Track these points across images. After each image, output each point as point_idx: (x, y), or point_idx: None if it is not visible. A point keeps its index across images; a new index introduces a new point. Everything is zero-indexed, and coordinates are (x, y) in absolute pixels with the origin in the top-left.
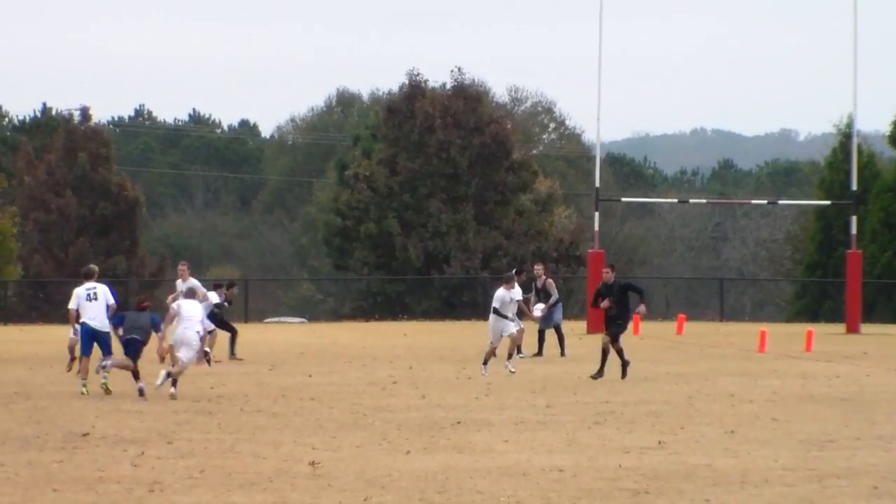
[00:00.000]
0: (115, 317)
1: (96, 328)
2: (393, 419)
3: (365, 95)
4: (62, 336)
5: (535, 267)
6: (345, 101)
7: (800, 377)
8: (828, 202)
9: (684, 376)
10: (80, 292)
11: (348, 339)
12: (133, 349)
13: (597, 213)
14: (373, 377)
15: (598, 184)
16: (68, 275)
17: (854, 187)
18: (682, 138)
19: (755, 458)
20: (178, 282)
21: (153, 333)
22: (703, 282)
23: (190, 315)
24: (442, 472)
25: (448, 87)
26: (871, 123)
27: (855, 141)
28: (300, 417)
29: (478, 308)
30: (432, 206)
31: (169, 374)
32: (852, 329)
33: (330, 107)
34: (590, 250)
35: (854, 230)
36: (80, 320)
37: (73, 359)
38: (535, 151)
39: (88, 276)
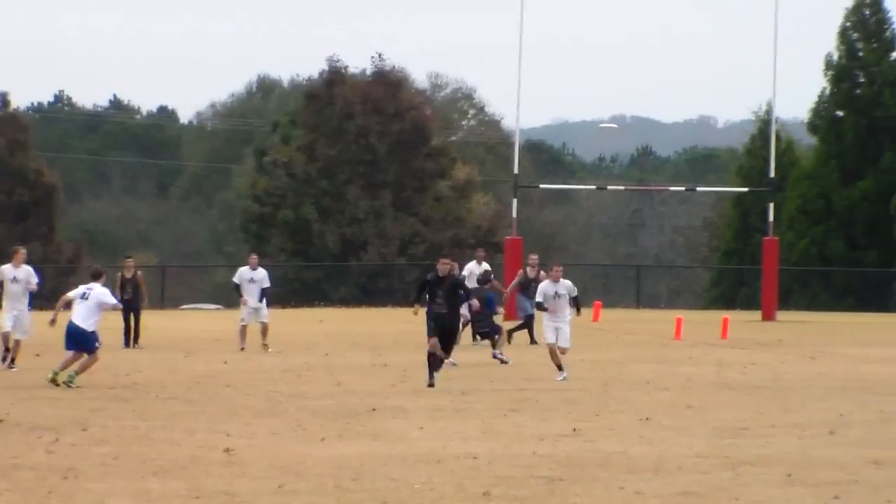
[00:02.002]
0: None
1: (78, 327)
2: (308, 406)
3: (285, 82)
4: None
5: (531, 257)
6: (265, 88)
7: (715, 364)
8: (745, 189)
9: (600, 363)
10: (77, 290)
11: None
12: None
13: (515, 200)
14: (288, 364)
15: (516, 170)
16: None
17: (772, 174)
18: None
19: (670, 445)
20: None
21: None
22: (619, 269)
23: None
24: (356, 460)
25: (368, 73)
26: (790, 111)
27: (774, 128)
28: (215, 404)
29: (394, 295)
30: (350, 193)
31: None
32: (768, 316)
33: (250, 93)
34: (507, 237)
35: (771, 217)
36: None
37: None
38: (454, 138)
39: (96, 277)
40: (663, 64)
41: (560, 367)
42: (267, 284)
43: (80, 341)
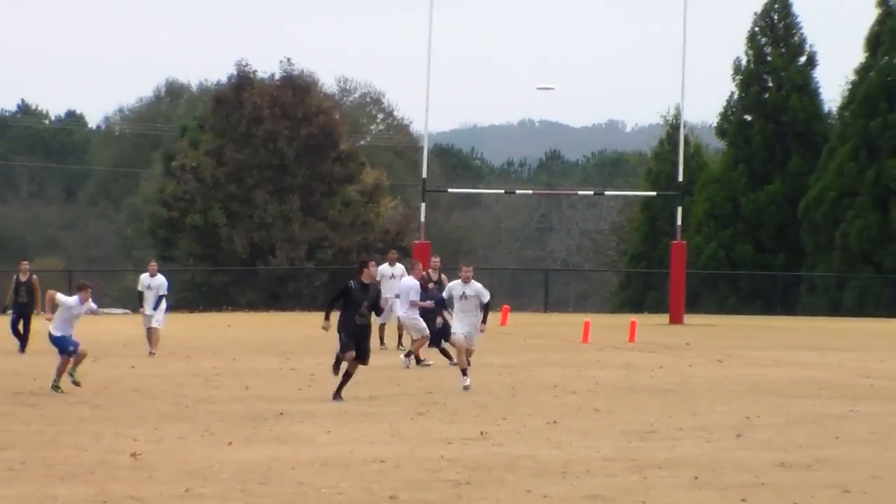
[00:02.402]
0: None
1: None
2: (216, 410)
3: (194, 86)
4: None
5: (433, 259)
6: (174, 92)
7: (623, 368)
8: (653, 193)
9: (508, 367)
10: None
11: (172, 330)
12: None
13: (423, 204)
14: (196, 368)
15: (425, 175)
16: None
17: (680, 178)
18: (511, 129)
19: (577, 448)
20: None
21: None
22: (528, 273)
23: None
24: (264, 464)
25: (277, 77)
26: (699, 115)
27: (682, 132)
28: (122, 409)
29: (302, 299)
30: (258, 197)
31: None
32: (676, 320)
33: (158, 97)
34: (416, 241)
35: (679, 221)
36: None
37: None
38: (363, 142)
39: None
40: (572, 68)
41: (465, 372)
42: (164, 292)
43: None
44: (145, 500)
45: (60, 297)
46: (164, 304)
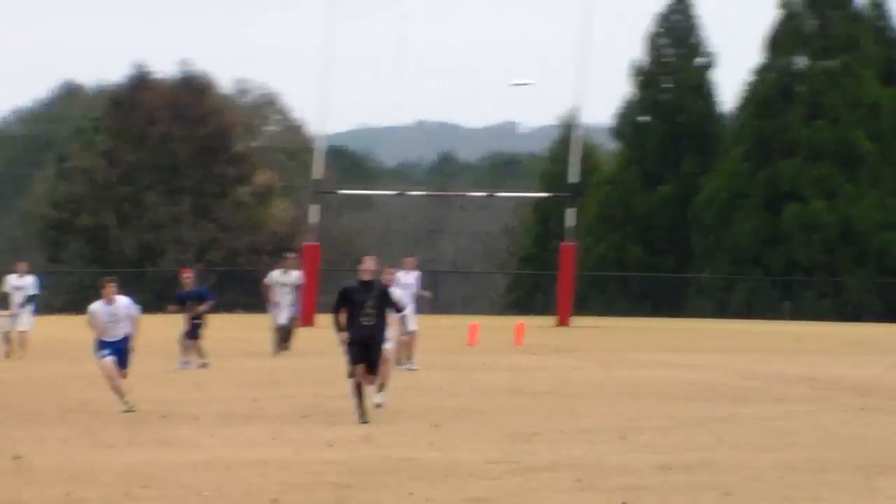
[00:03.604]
0: None
1: None
2: (99, 413)
3: (91, 87)
4: None
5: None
6: (70, 93)
7: (508, 370)
8: (545, 194)
9: (392, 370)
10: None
11: (59, 332)
12: None
13: (313, 206)
14: (80, 371)
15: (316, 176)
16: None
17: (574, 180)
18: (406, 130)
19: (460, 451)
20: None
21: None
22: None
23: None
24: (146, 467)
25: (174, 78)
26: (594, 116)
27: (577, 133)
28: (4, 411)
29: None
30: (150, 199)
31: None
32: (563, 322)
33: (54, 98)
34: (305, 243)
35: (571, 223)
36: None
37: None
38: (257, 143)
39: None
40: (467, 69)
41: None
42: (33, 292)
43: None
44: (26, 503)
45: None
46: (31, 306)
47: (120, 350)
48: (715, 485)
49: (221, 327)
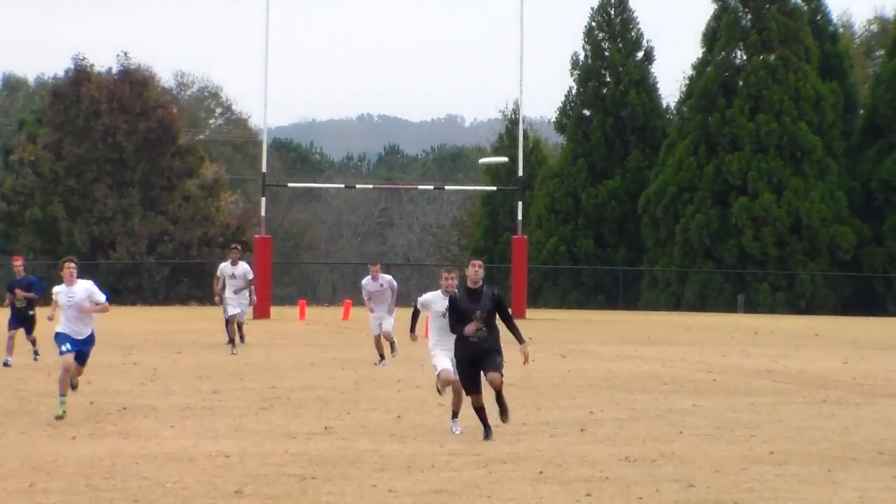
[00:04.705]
0: None
1: None
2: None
3: (31, 80)
4: None
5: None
6: (11, 86)
7: None
8: (494, 188)
9: (351, 362)
10: None
11: None
12: None
13: (263, 199)
14: (38, 363)
15: (264, 169)
16: None
17: (521, 173)
18: (349, 123)
19: (422, 443)
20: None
21: None
22: (368, 267)
23: None
24: (108, 459)
25: (114, 71)
26: (537, 109)
27: (521, 127)
28: None
29: (143, 293)
30: (98, 191)
31: None
32: (518, 314)
33: None
34: (256, 235)
35: (521, 216)
36: None
37: None
38: (201, 137)
39: None
40: (410, 63)
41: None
42: None
43: None
44: None
45: None
46: None
47: (83, 352)
48: (677, 476)
49: (177, 319)
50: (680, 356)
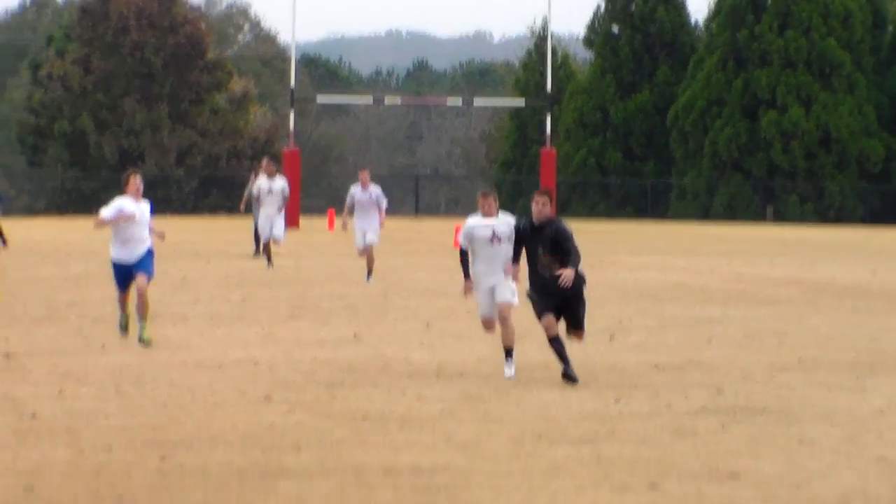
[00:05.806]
0: None
1: None
2: (88, 314)
3: None
4: None
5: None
6: (39, 2)
7: None
8: (522, 103)
9: (380, 271)
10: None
11: (43, 235)
12: None
13: (292, 113)
14: (68, 273)
15: (293, 84)
16: None
17: (549, 88)
18: (378, 40)
19: (450, 351)
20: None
21: None
22: (398, 179)
23: None
24: (137, 366)
25: None
26: (566, 26)
27: (550, 43)
28: None
29: (172, 204)
30: (127, 105)
31: None
32: None
33: (24, 7)
34: (285, 148)
35: (549, 129)
36: None
37: None
38: (229, 52)
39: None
40: None
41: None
42: None
43: None
44: (19, 399)
45: None
46: None
47: (142, 267)
48: (706, 383)
49: (206, 229)
50: (708, 266)
